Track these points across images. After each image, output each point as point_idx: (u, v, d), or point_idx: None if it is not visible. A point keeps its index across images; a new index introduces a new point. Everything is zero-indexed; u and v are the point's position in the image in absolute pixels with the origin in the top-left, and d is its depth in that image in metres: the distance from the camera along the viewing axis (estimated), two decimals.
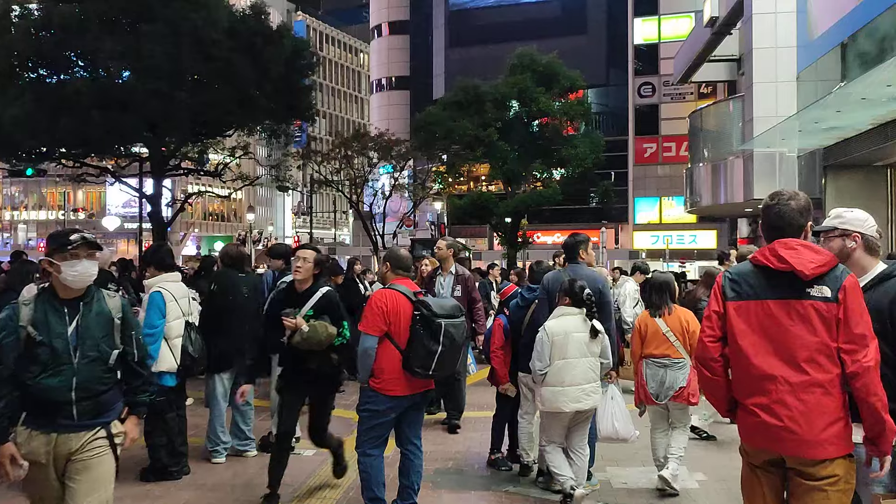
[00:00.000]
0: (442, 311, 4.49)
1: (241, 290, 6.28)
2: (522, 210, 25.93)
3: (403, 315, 4.52)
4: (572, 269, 5.70)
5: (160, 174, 23.83)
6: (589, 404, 5.10)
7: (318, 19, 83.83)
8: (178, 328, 5.46)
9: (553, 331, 5.10)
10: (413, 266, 5.38)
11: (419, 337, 4.44)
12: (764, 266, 2.91)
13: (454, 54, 49.03)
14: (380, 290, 4.71)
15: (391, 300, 4.54)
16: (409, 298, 4.57)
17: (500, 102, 25.54)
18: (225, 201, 63.60)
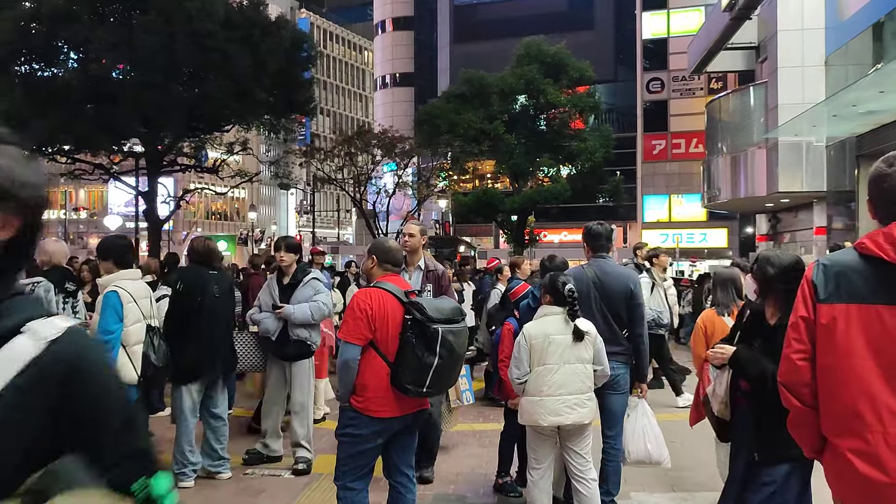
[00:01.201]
0: (439, 315, 3.70)
1: (210, 290, 5.50)
2: (529, 207, 25.08)
3: (392, 319, 3.73)
4: (597, 263, 4.90)
5: (156, 171, 23.12)
6: (573, 418, 4.30)
7: (321, 16, 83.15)
8: (137, 333, 4.69)
9: (531, 333, 4.39)
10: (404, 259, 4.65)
11: (411, 346, 3.65)
12: (876, 257, 2.12)
13: (459, 50, 48.33)
14: (363, 289, 3.90)
15: (377, 301, 3.74)
16: (400, 299, 3.78)
17: (506, 94, 24.68)
18: (228, 200, 63.07)
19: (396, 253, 4.05)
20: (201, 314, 5.36)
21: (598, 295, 4.77)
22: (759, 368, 3.12)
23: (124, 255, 4.82)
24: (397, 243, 4.23)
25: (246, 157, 33.25)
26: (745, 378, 3.28)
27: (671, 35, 41.36)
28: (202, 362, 5.38)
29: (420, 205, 36.66)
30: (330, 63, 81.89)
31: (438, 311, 3.71)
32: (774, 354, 2.83)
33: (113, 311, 4.58)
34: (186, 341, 5.24)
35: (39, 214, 1.24)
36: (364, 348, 3.72)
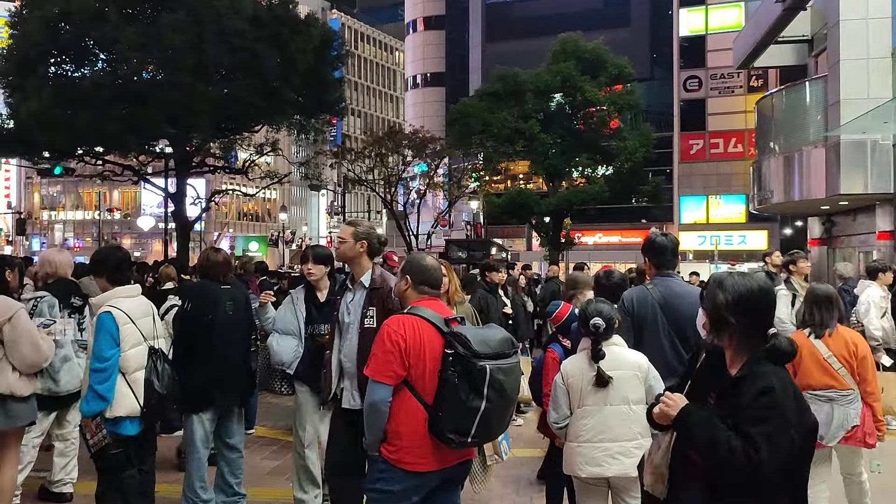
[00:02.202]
0: (486, 349, 3.07)
1: (222, 306, 4.93)
2: (565, 208, 24.24)
3: (430, 353, 3.11)
4: (663, 283, 4.22)
5: (184, 172, 22.83)
6: (615, 469, 3.67)
7: (352, 17, 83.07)
8: (137, 358, 4.11)
9: (567, 371, 3.81)
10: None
11: (453, 387, 3.03)
12: None
13: (491, 49, 47.66)
14: (395, 317, 3.27)
15: (411, 331, 3.12)
16: (439, 329, 3.16)
17: (541, 92, 23.88)
18: (259, 201, 63.20)
19: (434, 272, 3.41)
20: (213, 333, 4.79)
21: (666, 320, 4.10)
22: (710, 436, 2.21)
23: (119, 269, 4.24)
24: (435, 261, 3.57)
25: (277, 159, 33.01)
26: (691, 446, 2.34)
27: (709, 32, 40.35)
28: (214, 387, 4.79)
29: (451, 206, 36.12)
30: (361, 64, 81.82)
31: (485, 344, 3.08)
32: (735, 417, 2.21)
33: (108, 335, 4.01)
34: (197, 364, 4.68)
35: None
36: (396, 387, 3.11)
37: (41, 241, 64.84)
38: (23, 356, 4.33)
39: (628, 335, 4.02)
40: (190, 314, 4.84)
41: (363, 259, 4.22)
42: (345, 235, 4.24)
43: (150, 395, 4.08)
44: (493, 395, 3.01)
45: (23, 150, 21.62)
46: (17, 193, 66.14)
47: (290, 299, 5.08)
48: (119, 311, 4.05)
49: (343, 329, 4.20)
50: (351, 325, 4.17)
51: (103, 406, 3.95)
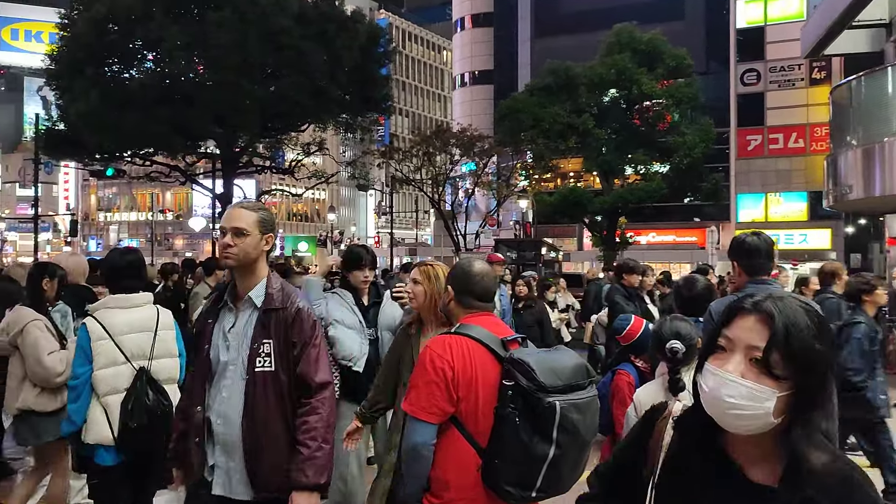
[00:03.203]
0: (555, 380, 2.42)
1: None
2: (620, 206, 23.34)
3: (483, 384, 2.50)
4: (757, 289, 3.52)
5: (231, 173, 22.70)
6: None
7: (400, 17, 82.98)
8: (111, 380, 3.51)
9: (642, 403, 3.04)
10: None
11: (513, 428, 2.40)
12: None
13: (540, 45, 46.79)
14: (439, 338, 2.63)
15: (460, 357, 2.51)
16: (495, 353, 2.55)
17: (595, 86, 23.00)
18: (308, 202, 63.51)
19: (483, 279, 2.75)
20: None
21: None
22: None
23: (117, 276, 3.72)
24: (487, 266, 2.88)
25: (325, 159, 32.84)
26: None
27: (769, 23, 38.78)
28: None
29: (500, 205, 35.50)
30: (408, 63, 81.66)
31: (554, 374, 2.44)
32: None
33: (80, 350, 3.51)
34: None
35: None
36: (442, 426, 2.51)
37: (97, 242, 66.28)
38: (32, 371, 4.13)
39: None
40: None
41: (261, 263, 2.76)
42: (245, 224, 2.69)
43: (123, 424, 3.52)
44: (564, 438, 2.38)
45: (72, 151, 21.75)
46: (75, 195, 67.75)
47: (339, 298, 4.44)
48: (96, 325, 3.53)
49: (216, 372, 2.72)
50: (230, 366, 2.68)
51: (71, 429, 3.49)
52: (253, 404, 2.63)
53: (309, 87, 19.99)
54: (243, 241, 2.69)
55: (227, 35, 18.57)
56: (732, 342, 1.33)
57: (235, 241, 2.69)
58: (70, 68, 19.80)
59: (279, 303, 2.71)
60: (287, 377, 2.66)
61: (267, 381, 2.64)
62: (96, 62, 19.72)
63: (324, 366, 2.71)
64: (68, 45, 20.07)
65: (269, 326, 2.68)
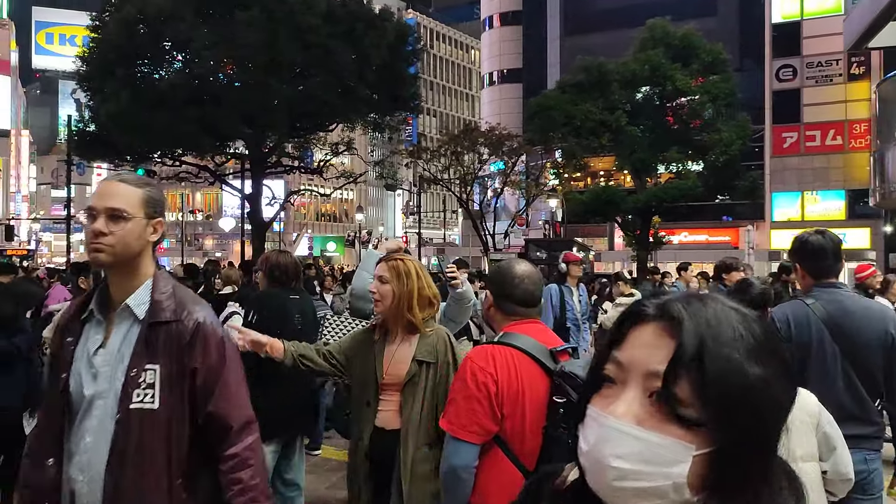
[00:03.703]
0: None
1: (291, 319, 4.24)
2: (655, 205, 22.84)
3: (531, 401, 2.23)
4: (830, 296, 3.19)
5: (260, 173, 22.66)
6: None
7: (428, 16, 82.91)
8: None
9: None
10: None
11: (565, 451, 2.11)
12: None
13: (570, 42, 46.29)
14: (482, 347, 2.38)
15: (506, 370, 2.25)
16: (544, 366, 2.27)
17: (628, 82, 22.53)
18: (336, 202, 63.63)
19: (525, 282, 2.42)
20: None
21: (838, 347, 3.07)
22: None
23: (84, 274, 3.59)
24: (530, 267, 2.53)
25: (354, 159, 32.78)
26: None
27: (805, 17, 37.92)
28: (281, 417, 4.03)
29: (529, 205, 35.13)
30: (436, 63, 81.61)
31: None
32: None
33: None
34: (260, 390, 3.93)
35: None
36: (485, 447, 2.24)
37: None
38: None
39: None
40: (255, 328, 4.08)
41: (145, 259, 1.98)
42: (124, 203, 1.91)
43: None
44: None
45: (103, 152, 21.86)
46: None
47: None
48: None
49: (78, 410, 1.90)
50: (98, 400, 1.89)
51: None
52: (121, 458, 1.82)
53: (337, 86, 19.89)
54: (122, 228, 1.89)
55: (256, 34, 18.52)
56: (624, 368, 0.83)
57: (111, 228, 1.88)
58: (101, 69, 19.89)
59: (170, 314, 1.91)
60: (180, 417, 1.88)
61: (145, 424, 1.83)
62: (126, 63, 19.77)
63: (244, 399, 1.99)
64: (99, 47, 20.17)
65: (156, 346, 1.88)
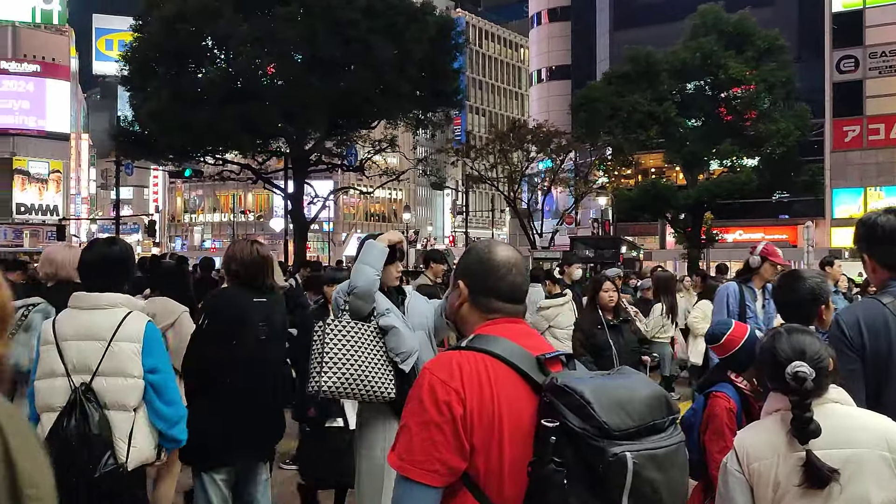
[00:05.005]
0: (625, 418, 1.55)
1: (252, 328, 3.55)
2: (707, 201, 21.74)
3: (512, 425, 1.65)
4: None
5: (302, 172, 22.44)
6: None
7: (477, 15, 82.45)
8: (44, 394, 2.88)
9: (750, 452, 2.11)
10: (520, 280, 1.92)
11: (560, 492, 1.54)
12: None
13: (620, 37, 45.21)
14: (445, 354, 1.77)
15: (476, 384, 1.66)
16: (529, 378, 1.70)
17: (677, 72, 21.48)
18: (385, 201, 63.60)
19: (517, 273, 1.85)
20: (234, 366, 3.48)
21: None
22: None
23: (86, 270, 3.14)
24: (513, 252, 1.92)
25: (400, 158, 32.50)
26: None
27: (868, 5, 36.26)
28: (233, 440, 3.47)
29: (577, 203, 34.37)
30: (485, 62, 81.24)
31: (621, 409, 1.57)
32: None
33: (37, 354, 2.99)
34: (210, 407, 3.42)
35: None
36: (449, 489, 1.66)
37: (182, 243, 68.20)
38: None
39: (856, 384, 2.37)
40: (206, 335, 3.53)
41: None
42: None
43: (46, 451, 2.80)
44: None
45: (146, 151, 21.89)
46: (163, 197, 69.95)
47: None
48: (49, 327, 2.97)
49: None
50: None
51: None
52: None
53: (377, 81, 19.53)
54: None
55: (294, 29, 18.28)
56: None
57: None
58: (142, 69, 19.92)
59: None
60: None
61: None
62: (167, 61, 19.76)
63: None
64: (141, 46, 20.21)
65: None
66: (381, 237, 3.41)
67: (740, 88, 21.21)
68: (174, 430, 3.02)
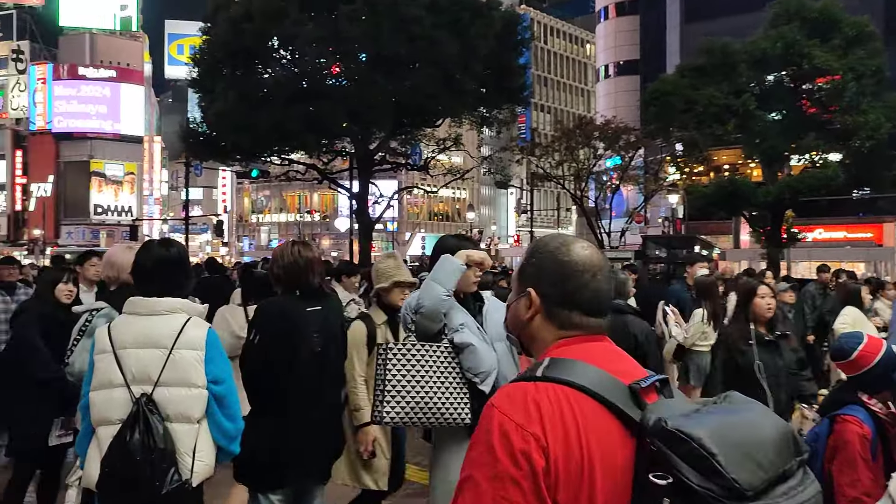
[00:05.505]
0: (755, 472, 1.15)
1: (307, 340, 3.24)
2: (788, 198, 20.67)
3: (607, 479, 1.25)
4: None
5: (366, 171, 22.36)
6: None
7: (542, 11, 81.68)
8: (105, 406, 2.63)
9: None
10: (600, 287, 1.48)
11: None
12: None
13: (691, 30, 43.81)
14: (513, 386, 1.34)
15: (560, 427, 1.25)
16: (622, 415, 1.29)
17: (757, 63, 20.46)
18: (449, 201, 63.50)
19: (602, 278, 1.45)
20: (287, 382, 3.17)
21: None
22: None
23: (139, 275, 2.89)
24: (594, 250, 1.49)
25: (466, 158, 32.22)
26: None
27: None
28: (289, 461, 3.17)
29: (647, 201, 33.43)
30: (550, 58, 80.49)
31: (749, 458, 1.16)
32: None
33: (89, 364, 2.73)
34: (265, 426, 3.13)
35: None
36: None
37: (250, 242, 69.53)
38: None
39: None
40: (257, 350, 3.20)
41: None
42: None
43: (102, 468, 2.57)
44: None
45: (213, 152, 22.15)
46: (231, 198, 71.50)
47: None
48: (104, 334, 2.70)
49: None
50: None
51: (81, 464, 2.76)
52: None
53: (442, 79, 19.24)
54: None
55: (359, 28, 18.17)
56: None
57: None
58: (210, 70, 20.13)
59: None
60: None
61: None
62: (233, 62, 19.93)
63: None
64: (209, 48, 20.43)
65: None
66: (461, 253, 3.03)
67: (825, 79, 20.07)
68: (234, 445, 2.77)
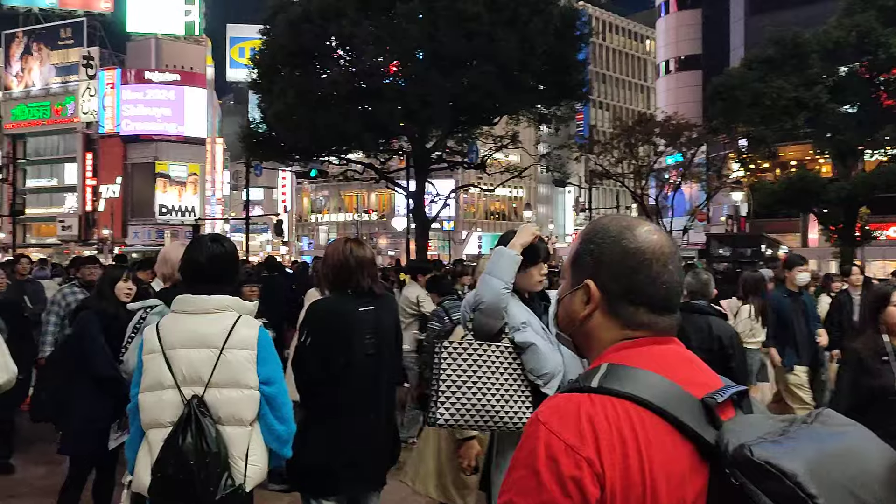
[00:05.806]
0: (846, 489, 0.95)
1: (359, 342, 3.06)
2: (863, 194, 19.72)
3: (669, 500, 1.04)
4: None
5: (422, 170, 22.27)
6: None
7: (601, 7, 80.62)
8: (156, 409, 2.53)
9: None
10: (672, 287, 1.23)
11: None
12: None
13: (756, 22, 42.49)
14: (561, 398, 1.11)
15: (619, 449, 1.03)
16: (693, 436, 1.06)
17: (830, 54, 19.60)
18: (505, 199, 63.13)
19: (674, 269, 1.21)
20: (339, 387, 3.02)
21: None
22: None
23: (193, 272, 2.77)
24: (662, 235, 1.24)
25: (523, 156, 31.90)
26: None
27: None
28: (342, 467, 3.01)
29: (710, 198, 32.57)
30: (609, 55, 79.41)
31: (854, 499, 0.95)
32: None
33: (138, 364, 2.64)
34: (317, 430, 2.99)
35: None
36: None
37: (309, 242, 70.40)
38: None
39: None
40: (308, 352, 3.06)
41: None
42: None
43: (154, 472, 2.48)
44: None
45: (273, 152, 22.37)
46: (290, 198, 72.58)
47: (515, 297, 3.08)
48: (153, 334, 2.59)
49: None
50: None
51: (130, 468, 2.66)
52: None
53: (500, 76, 19.00)
54: None
55: (416, 26, 18.08)
56: None
57: None
58: (269, 71, 20.32)
59: None
60: None
61: None
62: (292, 62, 20.07)
63: None
64: (268, 49, 20.64)
65: None
66: (513, 242, 2.87)
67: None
68: (285, 448, 2.65)
